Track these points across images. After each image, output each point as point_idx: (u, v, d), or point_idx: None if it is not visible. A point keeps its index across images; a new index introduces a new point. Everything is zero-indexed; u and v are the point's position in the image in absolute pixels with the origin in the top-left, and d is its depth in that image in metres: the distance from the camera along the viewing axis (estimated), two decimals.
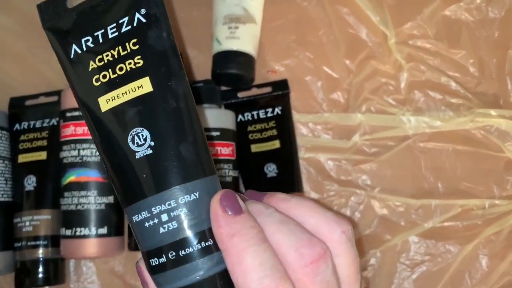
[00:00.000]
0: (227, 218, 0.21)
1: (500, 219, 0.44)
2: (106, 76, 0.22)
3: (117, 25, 0.22)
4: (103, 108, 0.22)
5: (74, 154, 0.39)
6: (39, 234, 0.41)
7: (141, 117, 0.22)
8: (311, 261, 0.21)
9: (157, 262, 0.21)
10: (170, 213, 0.21)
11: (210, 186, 0.22)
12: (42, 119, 0.44)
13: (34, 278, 0.41)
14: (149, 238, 0.22)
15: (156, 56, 0.22)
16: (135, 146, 0.22)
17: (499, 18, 0.46)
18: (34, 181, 0.42)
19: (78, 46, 0.23)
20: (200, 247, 0.21)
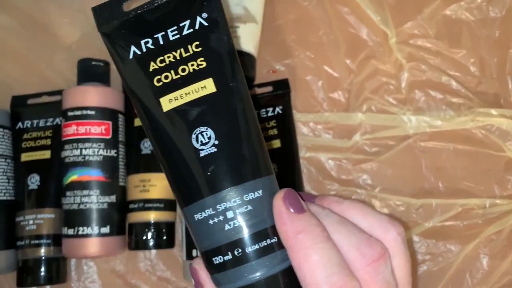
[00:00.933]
0: (292, 216, 0.22)
1: (501, 218, 0.44)
2: (168, 76, 0.23)
3: (178, 28, 0.23)
4: (165, 107, 0.22)
5: (76, 153, 0.39)
6: (42, 233, 0.41)
7: (205, 117, 0.22)
8: (373, 260, 0.22)
9: (221, 260, 0.22)
10: (236, 210, 0.21)
11: (271, 185, 0.23)
12: (46, 118, 0.44)
13: (36, 276, 0.41)
14: (213, 235, 0.22)
15: (218, 58, 0.23)
16: (200, 145, 0.22)
17: (499, 17, 0.46)
18: (37, 180, 0.42)
19: (137, 48, 0.23)
20: (264, 245, 0.22)
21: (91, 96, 0.41)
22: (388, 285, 0.22)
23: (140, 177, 0.42)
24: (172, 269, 0.45)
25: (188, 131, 0.22)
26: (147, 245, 0.41)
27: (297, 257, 0.21)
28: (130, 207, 0.42)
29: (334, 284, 0.21)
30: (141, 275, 0.45)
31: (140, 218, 0.41)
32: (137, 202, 0.41)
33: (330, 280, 0.21)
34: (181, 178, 0.23)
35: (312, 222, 0.22)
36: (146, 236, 0.41)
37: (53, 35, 0.48)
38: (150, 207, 0.41)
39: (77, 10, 0.48)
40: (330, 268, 0.21)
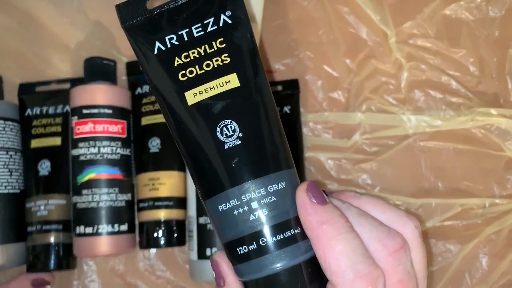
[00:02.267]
0: (316, 207, 0.22)
1: (500, 218, 0.44)
2: (193, 71, 0.23)
3: (202, 25, 0.24)
4: (190, 101, 0.23)
5: (94, 151, 0.40)
6: (53, 218, 0.41)
7: (229, 110, 0.23)
8: (394, 250, 0.22)
9: (245, 250, 0.22)
10: (260, 201, 0.22)
11: (293, 178, 0.23)
12: (55, 105, 0.44)
13: (46, 262, 0.41)
14: (238, 226, 0.22)
15: (242, 55, 0.23)
16: (224, 137, 0.23)
17: (499, 17, 0.46)
18: (48, 166, 0.42)
19: (162, 44, 0.24)
20: (288, 235, 0.22)
21: (108, 95, 0.41)
22: (408, 275, 0.23)
23: (149, 175, 0.42)
24: (171, 269, 0.45)
25: (212, 124, 0.23)
26: (158, 243, 0.42)
27: (322, 247, 0.22)
28: (140, 206, 0.42)
29: (360, 272, 0.21)
30: (140, 274, 0.45)
31: (150, 217, 0.42)
32: (146, 200, 0.42)
33: (356, 268, 0.21)
34: (205, 170, 0.23)
35: (336, 213, 0.22)
36: (157, 234, 0.41)
37: (53, 35, 0.48)
38: (160, 206, 0.41)
39: (77, 10, 0.48)
40: (355, 257, 0.22)
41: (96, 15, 0.48)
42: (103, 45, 0.48)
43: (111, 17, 0.48)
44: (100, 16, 0.48)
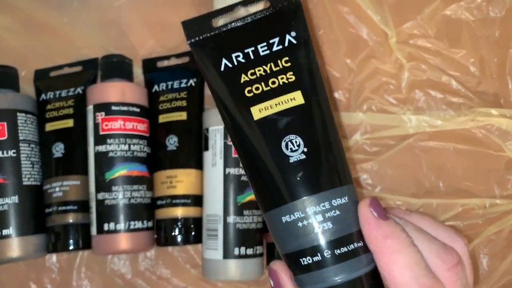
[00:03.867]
0: (379, 222, 0.23)
1: (501, 218, 0.44)
2: (259, 88, 0.24)
3: (267, 44, 0.25)
4: (256, 116, 0.24)
5: (124, 148, 0.40)
6: (69, 199, 0.42)
7: (294, 126, 0.24)
8: (452, 265, 0.23)
9: (309, 261, 0.23)
10: (325, 214, 0.23)
11: (353, 193, 0.24)
12: (67, 88, 0.45)
13: (65, 242, 0.42)
14: (302, 237, 0.23)
15: (306, 73, 0.24)
16: (289, 152, 0.23)
17: (499, 17, 0.46)
18: (62, 148, 0.43)
19: (228, 61, 0.25)
20: (350, 249, 0.23)
21: (136, 93, 0.42)
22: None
23: (167, 173, 0.42)
24: (171, 269, 0.45)
25: (278, 139, 0.24)
26: (176, 241, 0.42)
27: (386, 260, 0.23)
28: (158, 204, 0.42)
29: (424, 285, 0.22)
30: (141, 274, 0.45)
31: (168, 214, 0.42)
32: (164, 198, 0.42)
33: (420, 281, 0.22)
34: (270, 183, 0.24)
35: (397, 228, 0.23)
36: (174, 232, 0.42)
37: (53, 35, 0.48)
38: (177, 203, 0.42)
39: (77, 9, 0.48)
40: (418, 270, 0.23)
41: (96, 15, 0.48)
42: (104, 44, 0.48)
43: (111, 17, 0.48)
44: (101, 16, 0.48)
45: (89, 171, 0.41)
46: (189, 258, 0.45)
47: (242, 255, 0.39)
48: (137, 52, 0.47)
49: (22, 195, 0.41)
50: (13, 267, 0.45)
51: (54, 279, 0.45)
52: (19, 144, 0.41)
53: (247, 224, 0.39)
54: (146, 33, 0.48)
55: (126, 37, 0.48)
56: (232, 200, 0.39)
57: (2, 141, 0.41)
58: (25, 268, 0.45)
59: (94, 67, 0.46)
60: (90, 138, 0.41)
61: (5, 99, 0.42)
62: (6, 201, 0.40)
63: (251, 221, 0.40)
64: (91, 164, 0.41)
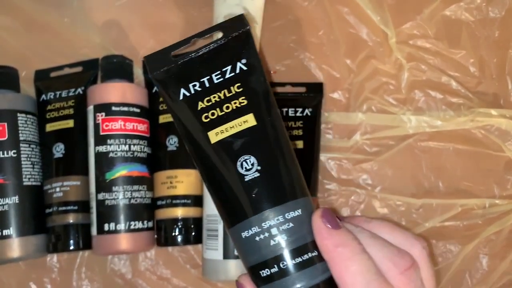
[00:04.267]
0: (331, 231, 0.24)
1: (501, 218, 0.44)
2: (215, 114, 0.26)
3: (221, 72, 0.27)
4: (213, 140, 0.26)
5: (125, 148, 0.40)
6: (69, 199, 0.42)
7: (248, 146, 0.26)
8: (405, 269, 0.24)
9: (268, 273, 0.24)
10: (279, 227, 0.24)
11: (308, 205, 0.26)
12: (68, 89, 0.45)
13: (66, 242, 0.42)
14: (260, 251, 0.25)
15: (257, 97, 0.27)
16: (244, 171, 0.25)
17: (499, 18, 0.46)
18: (62, 148, 0.43)
19: (186, 90, 0.27)
20: (306, 258, 0.24)
21: (136, 94, 0.42)
22: None
23: (167, 173, 0.42)
24: (172, 269, 0.45)
25: (233, 160, 0.26)
26: (176, 241, 0.42)
27: (338, 268, 0.24)
28: (158, 204, 0.42)
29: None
30: (141, 274, 0.45)
31: (168, 215, 0.42)
32: (164, 198, 0.42)
33: (370, 286, 0.23)
34: (228, 201, 0.26)
35: (349, 237, 0.24)
36: (174, 232, 0.42)
37: (53, 35, 0.48)
38: (178, 203, 0.42)
39: (77, 9, 0.48)
40: (369, 276, 0.23)
41: (97, 15, 0.48)
42: (104, 45, 0.48)
43: (111, 17, 0.48)
44: (101, 16, 0.48)
45: (90, 172, 0.41)
46: (189, 258, 0.45)
47: None
48: (137, 52, 0.48)
49: (22, 195, 0.41)
50: (13, 267, 0.45)
51: (54, 279, 0.45)
52: (19, 144, 0.42)
53: None
54: (146, 33, 0.48)
55: (126, 37, 0.48)
56: None
57: (3, 141, 0.41)
58: (25, 268, 0.45)
59: (94, 67, 0.46)
60: (90, 139, 0.41)
61: (5, 100, 0.42)
62: (6, 201, 0.40)
63: None
64: (92, 165, 0.41)
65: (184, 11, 0.48)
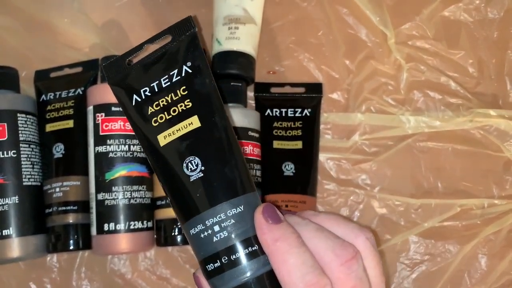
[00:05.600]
0: (270, 226, 0.25)
1: (499, 218, 0.44)
2: (163, 117, 0.27)
3: (168, 76, 0.28)
4: (161, 143, 0.27)
5: (124, 149, 0.40)
6: (69, 199, 0.42)
7: (192, 148, 0.27)
8: (346, 260, 0.25)
9: (212, 267, 0.26)
10: (221, 224, 0.26)
11: (252, 200, 0.27)
12: (68, 89, 0.45)
13: (65, 242, 0.42)
14: (205, 246, 0.26)
15: (201, 98, 0.27)
16: (189, 171, 0.26)
17: (498, 18, 0.46)
18: (62, 149, 0.43)
19: (138, 96, 0.28)
20: (248, 252, 0.25)
21: None
22: (361, 282, 0.25)
23: None
24: (171, 269, 0.45)
25: (180, 161, 0.27)
26: (175, 241, 0.42)
27: (276, 261, 0.25)
28: (157, 204, 0.43)
29: (308, 283, 0.24)
30: (140, 274, 0.45)
31: (167, 215, 0.42)
32: (164, 198, 0.42)
33: (305, 279, 0.24)
34: (178, 200, 0.27)
35: (288, 231, 0.25)
36: (174, 232, 0.42)
37: (53, 35, 0.48)
38: None
39: (77, 10, 0.48)
40: (304, 269, 0.24)
41: (97, 15, 0.48)
42: (104, 45, 0.48)
43: (111, 17, 0.48)
44: (101, 16, 0.48)
45: (89, 172, 0.41)
46: (189, 258, 0.45)
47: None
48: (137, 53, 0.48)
49: (22, 195, 0.41)
50: (13, 267, 0.45)
51: (54, 279, 0.45)
52: (19, 144, 0.42)
53: None
54: (146, 34, 0.48)
55: (126, 38, 0.48)
56: None
57: (3, 141, 0.41)
58: (25, 268, 0.45)
59: (94, 68, 0.46)
60: (90, 139, 0.41)
61: (5, 100, 0.42)
62: (6, 201, 0.40)
63: None
64: (91, 165, 0.41)
65: (184, 11, 0.48)
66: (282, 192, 0.43)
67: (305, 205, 0.42)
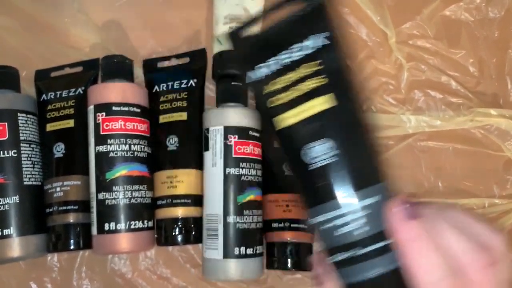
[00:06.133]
0: (403, 224, 0.24)
1: (500, 218, 0.44)
2: (291, 95, 0.24)
3: (300, 48, 0.24)
4: (290, 122, 0.24)
5: (125, 148, 0.40)
6: (70, 199, 0.42)
7: (326, 129, 0.24)
8: (487, 264, 0.23)
9: (342, 257, 0.24)
10: (356, 213, 0.24)
11: (386, 191, 0.25)
12: (68, 89, 0.45)
13: (66, 242, 0.42)
14: (335, 235, 0.24)
15: (338, 75, 0.24)
16: (322, 155, 0.24)
17: (498, 18, 0.46)
18: (62, 148, 0.43)
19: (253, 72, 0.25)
20: (381, 245, 0.24)
21: (137, 94, 0.42)
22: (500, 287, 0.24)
23: (167, 173, 0.42)
24: (172, 268, 0.45)
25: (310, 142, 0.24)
26: (176, 240, 0.42)
27: (410, 262, 0.23)
28: (158, 203, 0.43)
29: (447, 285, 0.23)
30: (141, 274, 0.45)
31: (168, 214, 0.42)
32: (164, 198, 0.42)
33: (443, 281, 0.23)
34: (304, 186, 0.25)
35: (422, 231, 0.24)
36: (174, 232, 0.42)
37: (54, 35, 0.48)
38: (178, 203, 0.42)
39: (78, 10, 0.48)
40: (442, 271, 0.23)
41: (97, 15, 0.48)
42: (104, 45, 0.48)
43: (111, 17, 0.48)
44: (101, 16, 0.48)
45: (90, 171, 0.41)
46: (189, 258, 0.45)
47: (242, 254, 0.39)
48: (137, 52, 0.48)
49: (22, 195, 0.41)
50: (14, 267, 0.45)
51: (54, 278, 0.45)
52: (20, 144, 0.42)
53: (247, 224, 0.40)
54: (146, 33, 0.48)
55: (126, 37, 0.48)
56: (232, 200, 0.39)
57: (3, 141, 0.41)
58: (26, 267, 0.45)
59: (94, 67, 0.46)
60: (91, 138, 0.41)
61: (6, 100, 0.42)
62: (6, 201, 0.40)
63: (251, 221, 0.40)
64: (92, 164, 0.41)
65: (184, 11, 0.48)
66: (283, 192, 0.43)
67: None
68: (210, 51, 0.46)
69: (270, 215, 0.42)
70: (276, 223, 0.42)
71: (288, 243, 0.41)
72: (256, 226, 0.40)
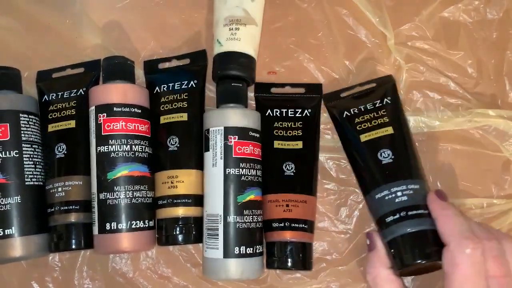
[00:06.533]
0: (439, 200, 0.38)
1: (498, 218, 0.44)
2: (366, 125, 0.42)
3: (373, 103, 0.43)
4: (363, 139, 0.42)
5: (126, 149, 0.40)
6: (71, 199, 0.42)
7: (385, 143, 0.41)
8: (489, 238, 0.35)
9: (392, 219, 0.38)
10: (402, 192, 0.38)
11: (425, 185, 0.40)
12: (70, 90, 0.45)
13: (67, 241, 0.42)
14: (387, 205, 0.39)
15: (396, 117, 0.42)
16: (382, 158, 0.40)
17: (497, 19, 0.47)
18: (64, 149, 0.43)
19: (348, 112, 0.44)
20: (419, 212, 0.38)
21: (137, 95, 0.42)
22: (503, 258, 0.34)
23: (168, 173, 0.43)
24: (173, 268, 0.45)
25: (376, 151, 0.41)
26: (176, 240, 0.42)
27: (443, 221, 0.36)
28: (159, 203, 0.43)
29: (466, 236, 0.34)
30: (142, 273, 0.45)
31: (169, 214, 0.42)
32: (165, 198, 0.42)
33: (464, 233, 0.34)
34: (370, 176, 0.41)
35: (451, 205, 0.37)
36: (175, 232, 0.42)
37: (55, 36, 0.49)
38: (178, 203, 0.42)
39: (79, 11, 0.49)
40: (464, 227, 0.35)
41: (98, 16, 0.49)
42: (105, 46, 0.48)
43: (112, 18, 0.49)
44: (102, 17, 0.49)
45: (91, 171, 0.41)
46: (190, 257, 0.45)
47: (242, 254, 0.39)
48: (138, 53, 0.48)
49: (24, 195, 0.41)
50: (15, 266, 0.45)
51: (56, 278, 0.45)
52: (21, 144, 0.42)
53: (247, 224, 0.40)
54: (147, 34, 0.48)
55: (127, 38, 0.48)
56: (232, 199, 0.40)
57: (5, 141, 0.41)
58: (27, 267, 0.46)
59: (96, 68, 0.47)
60: (92, 139, 0.41)
61: (7, 100, 0.42)
62: (8, 201, 0.41)
63: (251, 221, 0.40)
64: (93, 165, 0.41)
65: (184, 12, 0.49)
66: (283, 192, 0.43)
67: (306, 204, 0.43)
68: (211, 52, 0.46)
69: (270, 215, 0.43)
70: (276, 222, 0.42)
71: (288, 243, 0.42)
72: (256, 225, 0.40)
